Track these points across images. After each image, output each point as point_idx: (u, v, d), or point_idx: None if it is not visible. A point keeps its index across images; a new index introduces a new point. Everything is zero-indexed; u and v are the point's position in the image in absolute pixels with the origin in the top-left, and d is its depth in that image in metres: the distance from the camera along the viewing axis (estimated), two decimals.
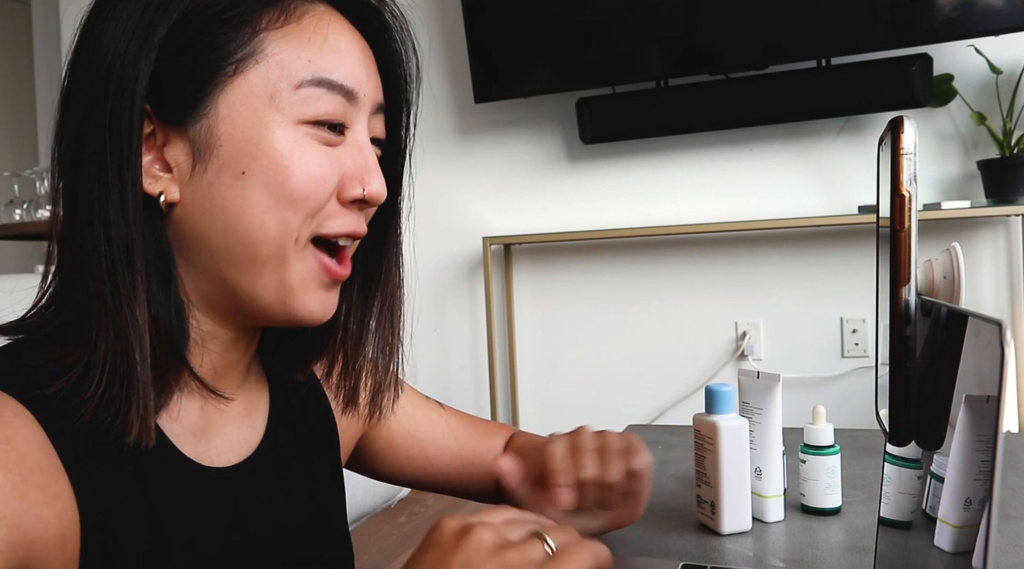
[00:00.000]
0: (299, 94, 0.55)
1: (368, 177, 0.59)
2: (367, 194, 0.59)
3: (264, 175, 0.55)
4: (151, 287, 0.54)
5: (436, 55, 2.96)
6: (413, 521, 2.46)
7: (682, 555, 0.74)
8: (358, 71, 0.58)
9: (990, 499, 0.38)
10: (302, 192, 0.55)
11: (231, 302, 0.58)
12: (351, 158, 0.58)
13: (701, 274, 2.70)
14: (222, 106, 0.55)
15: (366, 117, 0.60)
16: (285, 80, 0.55)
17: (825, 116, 2.48)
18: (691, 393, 2.70)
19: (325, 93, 0.56)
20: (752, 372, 0.83)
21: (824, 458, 0.83)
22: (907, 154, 0.47)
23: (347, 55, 0.58)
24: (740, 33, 2.48)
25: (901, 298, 0.47)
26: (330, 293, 0.60)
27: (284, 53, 0.55)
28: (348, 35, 0.59)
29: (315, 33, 0.57)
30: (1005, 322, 0.38)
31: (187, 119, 0.55)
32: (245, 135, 0.55)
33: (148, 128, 0.55)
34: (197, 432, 0.60)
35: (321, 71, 0.56)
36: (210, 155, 0.55)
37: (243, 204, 0.55)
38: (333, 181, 0.57)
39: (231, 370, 0.62)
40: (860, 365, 2.55)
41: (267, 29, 0.55)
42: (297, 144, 0.55)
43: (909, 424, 0.48)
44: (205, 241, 0.56)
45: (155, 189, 0.55)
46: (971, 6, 2.23)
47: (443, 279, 3.00)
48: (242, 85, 0.55)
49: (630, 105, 2.64)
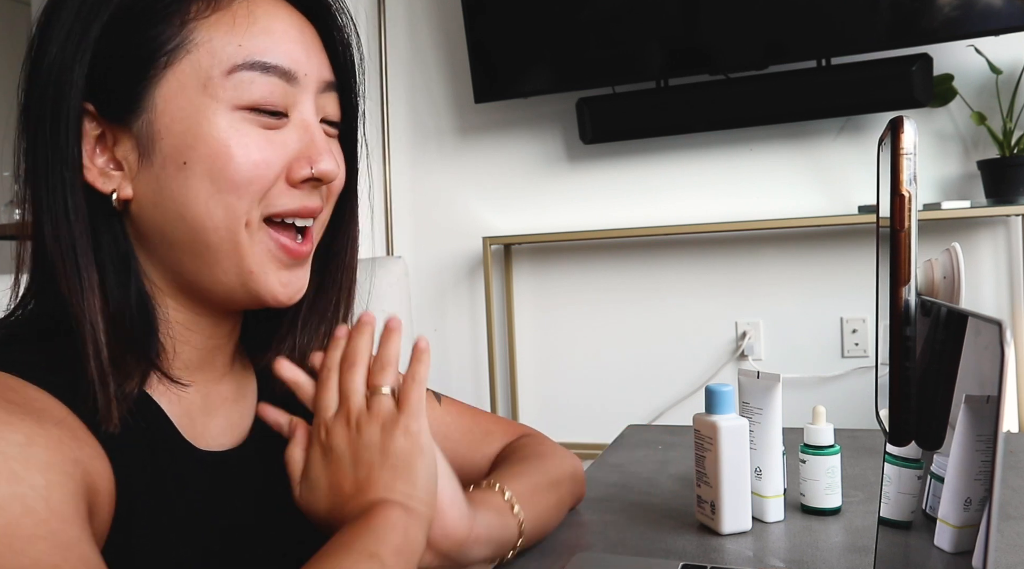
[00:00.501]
0: (232, 79, 0.56)
1: (316, 156, 0.58)
2: (316, 172, 0.58)
3: (204, 163, 0.55)
4: (106, 283, 0.55)
5: (436, 55, 2.96)
6: None
7: (682, 555, 0.74)
8: (295, 50, 0.58)
9: (990, 499, 0.38)
10: (244, 176, 0.56)
11: (197, 291, 0.59)
12: (297, 139, 0.58)
13: (701, 274, 2.70)
14: (158, 99, 0.55)
15: (311, 96, 0.59)
16: (217, 67, 0.55)
17: (825, 116, 2.48)
18: (691, 393, 2.70)
19: (259, 76, 0.56)
20: (752, 372, 0.83)
21: (824, 458, 0.83)
22: (907, 154, 0.47)
23: (281, 35, 0.58)
24: (740, 33, 2.48)
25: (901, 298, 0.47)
26: (293, 273, 0.60)
27: (213, 40, 0.56)
28: (282, 15, 0.59)
29: (244, 17, 0.57)
30: (1005, 322, 0.38)
31: (129, 116, 0.56)
32: (182, 126, 0.55)
33: (97, 130, 0.56)
34: (192, 415, 0.61)
35: (253, 54, 0.56)
36: (153, 149, 0.56)
37: (187, 193, 0.56)
38: (277, 164, 0.57)
39: (215, 356, 0.63)
40: (860, 365, 2.55)
41: (195, 18, 0.56)
42: (234, 130, 0.56)
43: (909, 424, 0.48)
44: (160, 234, 0.57)
45: (107, 187, 0.56)
46: (971, 6, 2.22)
47: (443, 279, 3.00)
48: (175, 76, 0.55)
49: (630, 105, 2.64)
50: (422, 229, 3.00)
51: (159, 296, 0.59)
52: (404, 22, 3.00)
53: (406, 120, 3.01)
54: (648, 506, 0.88)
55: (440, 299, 3.00)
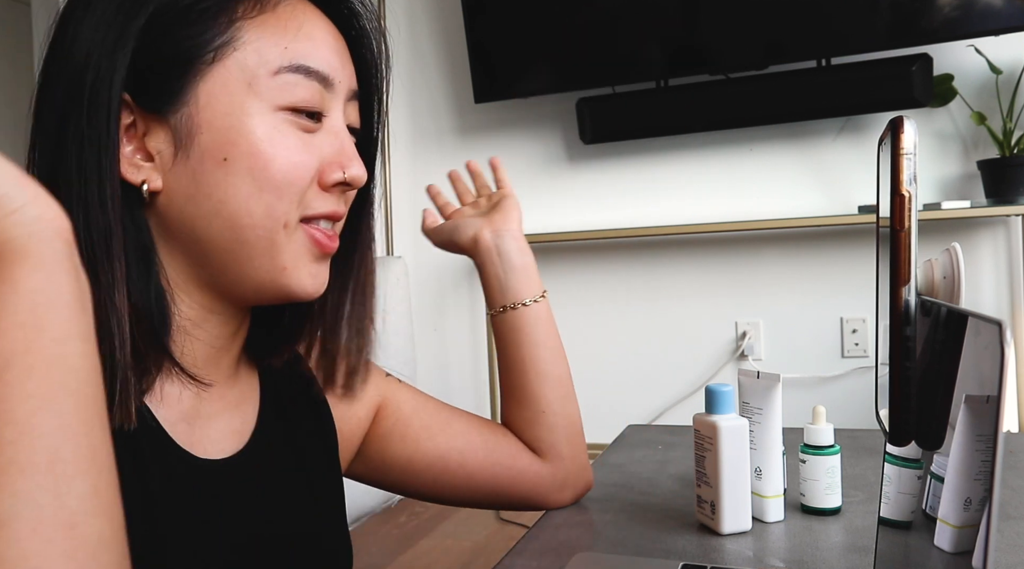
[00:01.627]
0: (277, 80, 0.57)
1: (347, 161, 0.60)
2: (348, 177, 0.60)
3: (245, 161, 0.56)
4: (131, 275, 0.55)
5: (436, 55, 2.96)
6: (413, 521, 2.46)
7: (682, 555, 0.74)
8: (332, 58, 0.60)
9: (990, 499, 0.38)
10: (284, 177, 0.57)
11: (220, 285, 0.59)
12: (328, 144, 0.60)
13: (701, 274, 2.70)
14: (201, 94, 0.56)
15: (341, 103, 0.61)
16: (263, 67, 0.56)
17: (825, 116, 2.48)
18: (691, 393, 2.70)
19: (302, 79, 0.57)
20: (752, 372, 0.83)
21: (824, 458, 0.83)
22: (907, 154, 0.47)
23: (321, 42, 0.59)
24: (740, 33, 2.48)
25: (901, 298, 0.47)
26: (320, 266, 0.61)
27: (261, 40, 0.57)
28: (320, 23, 0.60)
29: (290, 21, 0.58)
30: (1005, 322, 0.38)
31: (167, 108, 0.56)
32: (225, 122, 0.56)
33: (128, 119, 0.56)
34: (189, 420, 0.60)
35: (298, 58, 0.57)
36: (191, 143, 0.56)
37: (227, 190, 0.56)
38: (313, 167, 0.58)
39: (221, 358, 0.63)
40: (860, 365, 2.55)
41: (243, 18, 0.57)
42: (276, 130, 0.57)
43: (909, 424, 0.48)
44: (191, 228, 0.57)
45: (137, 178, 0.56)
46: (971, 6, 2.23)
47: (443, 279, 3.00)
48: (221, 72, 0.56)
49: (630, 105, 2.64)
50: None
51: (173, 291, 0.59)
52: (404, 22, 3.00)
53: (406, 120, 3.01)
54: (648, 506, 0.88)
55: (440, 299, 3.00)
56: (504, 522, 2.41)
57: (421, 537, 2.34)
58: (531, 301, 0.87)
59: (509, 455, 0.84)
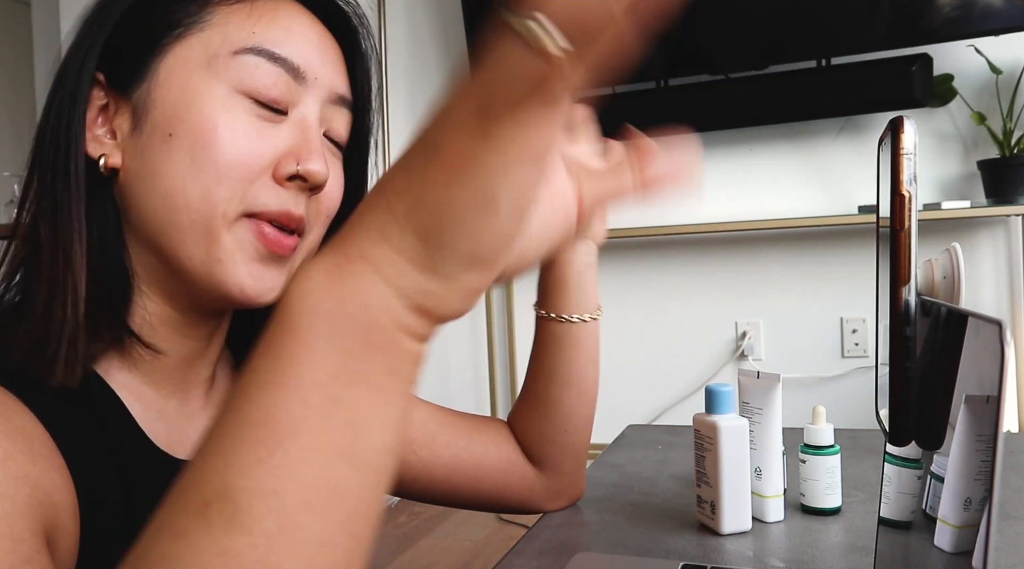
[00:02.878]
0: (236, 60, 0.55)
1: (306, 154, 0.56)
2: (302, 170, 0.56)
3: (188, 137, 0.54)
4: (92, 245, 0.55)
5: (436, 55, 2.96)
6: (413, 521, 2.46)
7: (682, 555, 0.74)
8: (309, 52, 0.58)
9: (990, 499, 0.38)
10: (225, 160, 0.54)
11: (168, 276, 0.57)
12: (291, 137, 0.57)
13: (701, 274, 2.70)
14: (162, 70, 0.56)
15: (317, 101, 0.59)
16: (225, 47, 0.56)
17: (825, 116, 2.48)
18: (691, 393, 2.70)
19: (264, 62, 0.56)
20: (752, 372, 0.83)
21: (824, 458, 0.83)
22: (907, 154, 0.47)
23: (299, 35, 0.58)
24: (740, 33, 2.48)
25: (901, 298, 0.47)
26: (267, 268, 0.57)
27: (229, 24, 0.56)
28: (303, 19, 0.59)
29: (266, 12, 0.57)
30: (1005, 322, 0.38)
31: (132, 85, 0.56)
32: (177, 98, 0.55)
33: (103, 99, 0.57)
34: (167, 421, 0.59)
35: (264, 42, 0.56)
36: (145, 118, 0.56)
37: (166, 166, 0.55)
38: (264, 156, 0.55)
39: (196, 361, 0.61)
40: (860, 365, 2.55)
41: (219, 4, 0.57)
42: (227, 111, 0.55)
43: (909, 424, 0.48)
44: (138, 207, 0.56)
45: (96, 153, 0.56)
46: (971, 6, 2.22)
47: None
48: (183, 50, 0.56)
49: (630, 105, 2.64)
50: None
51: (137, 281, 0.58)
52: (404, 22, 3.00)
53: (406, 120, 3.01)
54: (648, 506, 0.88)
55: None
56: (504, 522, 2.41)
57: (421, 537, 2.34)
58: (590, 318, 0.82)
59: (499, 469, 0.83)
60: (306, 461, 0.31)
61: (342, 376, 0.32)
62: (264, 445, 0.31)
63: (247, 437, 0.32)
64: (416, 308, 0.33)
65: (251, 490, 0.31)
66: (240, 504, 0.31)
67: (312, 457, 0.31)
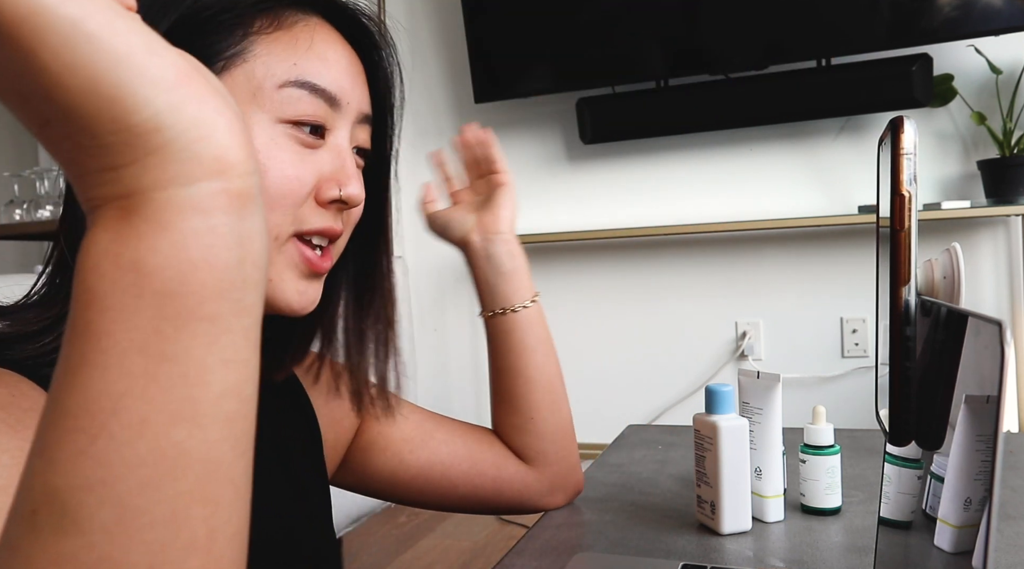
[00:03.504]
0: (281, 94, 0.57)
1: (345, 179, 0.60)
2: (344, 195, 0.60)
3: None
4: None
5: (436, 55, 2.96)
6: (413, 521, 2.46)
7: (682, 555, 0.74)
8: (343, 79, 0.60)
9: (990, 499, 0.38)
10: (277, 190, 0.57)
11: None
12: (329, 162, 0.60)
13: (701, 274, 2.70)
14: None
15: (349, 124, 0.62)
16: (269, 79, 0.57)
17: (825, 116, 2.48)
18: (691, 393, 2.70)
19: (307, 95, 0.58)
20: (752, 372, 0.83)
21: (824, 458, 0.83)
22: (907, 154, 0.47)
23: (333, 63, 0.60)
24: (740, 33, 2.48)
25: (901, 298, 0.47)
26: (310, 284, 0.61)
27: (271, 55, 0.57)
28: (337, 46, 0.61)
29: (304, 40, 0.59)
30: (1005, 322, 0.38)
31: None
32: None
33: None
34: None
35: (305, 74, 0.58)
36: None
37: None
38: (309, 182, 0.59)
39: None
40: (860, 365, 2.55)
41: (258, 33, 0.57)
42: (274, 142, 0.57)
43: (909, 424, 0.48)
44: None
45: None
46: (971, 6, 2.23)
47: (443, 279, 3.00)
48: (227, 82, 0.56)
49: (630, 105, 2.64)
50: (422, 229, 3.00)
51: None
52: (404, 22, 3.00)
53: (406, 120, 3.00)
54: (648, 506, 0.88)
55: (440, 299, 3.00)
56: (504, 522, 2.41)
57: (421, 537, 2.34)
58: (521, 307, 0.85)
59: (494, 465, 0.84)
60: (135, 437, 0.28)
61: (163, 327, 0.28)
62: (85, 433, 0.28)
63: (67, 428, 0.28)
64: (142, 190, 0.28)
65: (77, 486, 0.27)
66: (67, 504, 0.27)
67: (142, 430, 0.28)
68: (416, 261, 2.99)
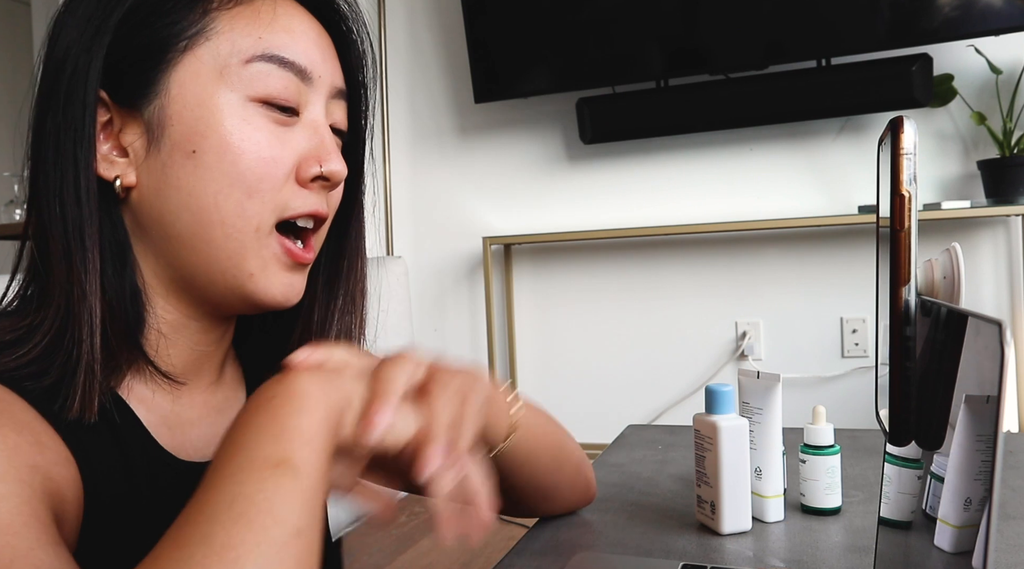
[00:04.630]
0: (249, 69, 0.55)
1: (325, 155, 0.58)
2: (325, 171, 0.58)
3: (214, 154, 0.55)
4: (105, 270, 0.54)
5: (436, 55, 2.96)
6: (413, 521, 2.46)
7: (682, 555, 0.74)
8: (311, 51, 0.58)
9: (990, 499, 0.38)
10: (255, 173, 0.55)
11: (191, 288, 0.58)
12: (306, 138, 0.58)
13: (701, 274, 2.70)
14: (172, 85, 0.55)
15: (323, 99, 0.60)
16: (235, 55, 0.55)
17: (825, 116, 2.48)
18: (691, 393, 2.70)
19: (276, 69, 0.56)
20: (752, 372, 0.83)
21: (824, 458, 0.83)
22: (907, 154, 0.47)
23: (300, 35, 0.58)
24: (740, 33, 2.48)
25: (901, 298, 0.47)
26: (295, 275, 0.59)
27: (235, 31, 0.56)
28: (301, 17, 0.59)
29: (267, 14, 0.57)
30: (1005, 322, 0.38)
31: (141, 101, 0.55)
32: (194, 113, 0.55)
33: (105, 116, 0.56)
34: (171, 424, 0.59)
35: (272, 47, 0.56)
36: (162, 135, 0.55)
37: (195, 184, 0.55)
38: (288, 162, 0.57)
39: (203, 364, 0.62)
40: (860, 365, 2.55)
41: (218, 8, 0.56)
42: (247, 123, 0.55)
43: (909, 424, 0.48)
44: (160, 223, 0.56)
45: (110, 174, 0.55)
46: (971, 6, 2.23)
47: (443, 279, 3.00)
48: (192, 62, 0.55)
49: (630, 105, 2.64)
50: (422, 229, 3.01)
51: (150, 293, 0.58)
52: (404, 22, 3.00)
53: (406, 120, 3.01)
54: (648, 506, 0.88)
55: (440, 299, 3.00)
56: (504, 522, 2.41)
57: (421, 537, 2.33)
58: (503, 443, 0.70)
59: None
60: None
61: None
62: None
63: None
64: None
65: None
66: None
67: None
68: (416, 261, 3.00)
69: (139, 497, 0.55)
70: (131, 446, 0.56)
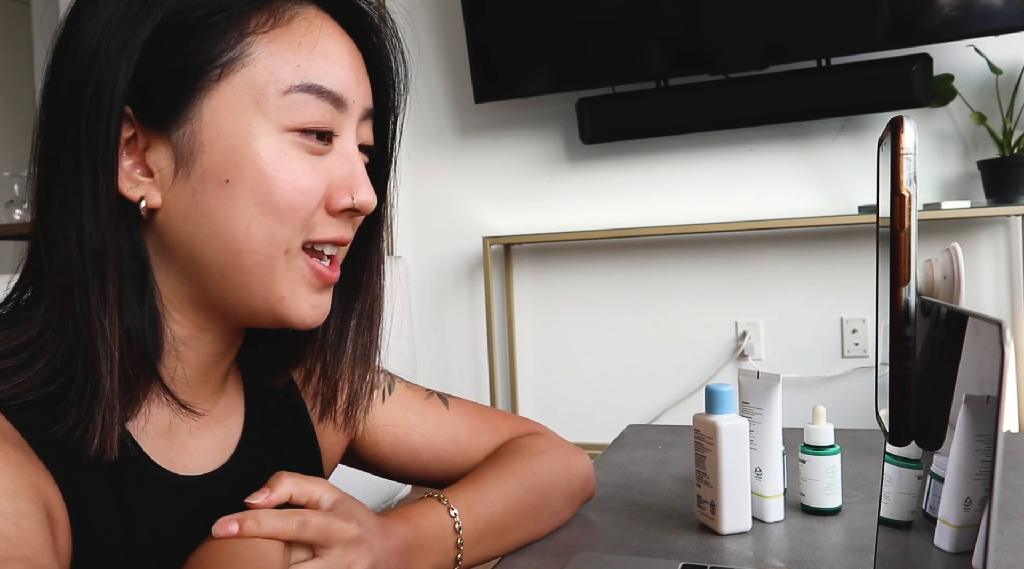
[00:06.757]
0: (287, 100, 0.54)
1: (356, 186, 0.58)
2: (356, 203, 0.58)
3: (248, 184, 0.53)
4: (124, 295, 0.53)
5: (436, 55, 2.96)
6: None
7: (682, 555, 0.74)
8: (347, 77, 0.57)
9: (990, 499, 0.38)
10: (288, 203, 0.54)
11: (215, 306, 0.57)
12: (339, 167, 0.57)
13: (701, 274, 2.70)
14: (206, 111, 0.53)
15: (355, 124, 0.59)
16: (272, 85, 0.54)
17: (825, 116, 2.48)
18: (691, 393, 2.70)
19: (313, 100, 0.55)
20: (752, 372, 0.83)
21: (824, 458, 0.83)
22: (907, 154, 0.47)
23: (336, 60, 0.57)
24: (740, 33, 2.48)
25: (901, 298, 0.47)
26: (322, 296, 0.59)
27: (272, 57, 0.54)
28: (338, 39, 0.58)
29: (305, 37, 0.55)
30: (1005, 322, 0.38)
31: (170, 124, 0.53)
32: (229, 142, 0.53)
33: (129, 132, 0.54)
34: (168, 438, 0.59)
35: (310, 77, 0.55)
36: (193, 161, 0.53)
37: (227, 212, 0.54)
38: (320, 192, 0.56)
39: (209, 376, 0.61)
40: (860, 365, 2.55)
41: (255, 32, 0.54)
42: (282, 153, 0.54)
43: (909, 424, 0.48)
44: (188, 247, 0.55)
45: (135, 194, 0.54)
46: (971, 6, 2.23)
47: (443, 279, 3.00)
48: (227, 89, 0.53)
49: (630, 105, 2.64)
50: (422, 229, 3.00)
51: (166, 310, 0.57)
52: (404, 22, 3.00)
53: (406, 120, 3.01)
54: (648, 506, 0.88)
55: (440, 299, 3.00)
56: None
57: None
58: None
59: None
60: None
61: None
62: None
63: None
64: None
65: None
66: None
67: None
68: (416, 261, 2.99)
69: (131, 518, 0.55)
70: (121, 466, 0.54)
